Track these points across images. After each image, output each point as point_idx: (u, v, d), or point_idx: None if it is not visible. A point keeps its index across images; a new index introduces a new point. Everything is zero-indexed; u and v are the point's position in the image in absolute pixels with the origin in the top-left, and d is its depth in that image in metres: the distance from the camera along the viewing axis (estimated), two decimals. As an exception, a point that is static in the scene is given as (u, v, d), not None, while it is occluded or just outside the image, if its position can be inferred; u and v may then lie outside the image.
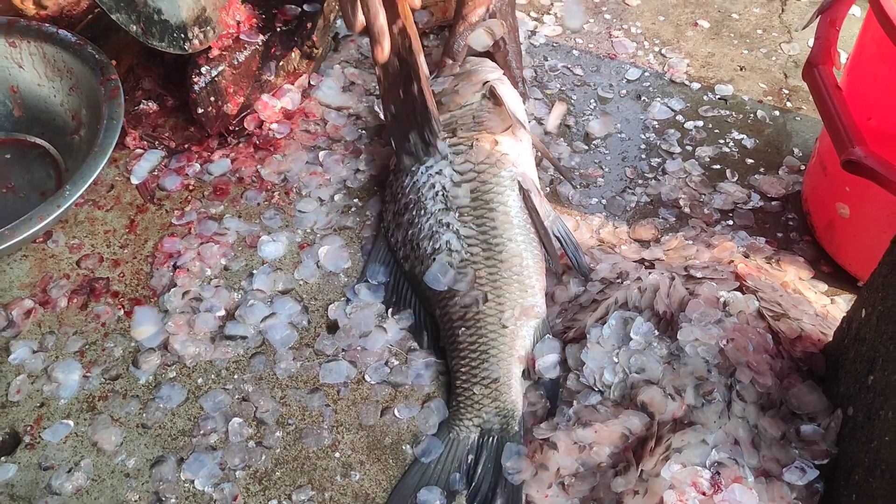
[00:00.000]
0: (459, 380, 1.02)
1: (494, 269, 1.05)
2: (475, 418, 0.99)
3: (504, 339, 1.02)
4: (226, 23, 1.22)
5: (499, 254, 1.06)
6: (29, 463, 0.97)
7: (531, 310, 1.04)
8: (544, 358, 1.02)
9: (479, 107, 1.16)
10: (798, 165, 1.26)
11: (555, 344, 1.02)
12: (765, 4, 1.54)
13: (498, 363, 1.01)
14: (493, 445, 0.97)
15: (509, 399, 1.00)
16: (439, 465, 0.96)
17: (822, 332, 1.00)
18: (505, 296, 1.04)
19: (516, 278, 1.05)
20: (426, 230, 1.10)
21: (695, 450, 0.88)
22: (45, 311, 1.10)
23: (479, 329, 1.03)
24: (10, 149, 1.27)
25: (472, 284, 1.05)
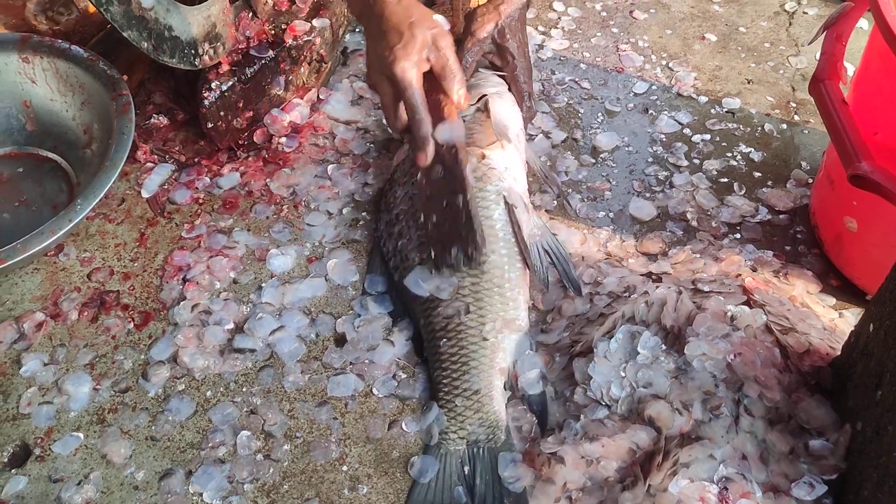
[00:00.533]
0: (441, 391, 1.02)
1: (477, 281, 1.05)
2: (460, 430, 0.99)
3: (485, 351, 1.02)
4: (235, 38, 1.23)
5: (481, 265, 1.06)
6: (39, 475, 0.98)
7: (513, 323, 1.04)
8: (526, 374, 1.02)
9: (472, 119, 1.16)
10: (806, 179, 1.26)
11: (535, 359, 1.03)
12: (772, 18, 1.54)
13: (479, 375, 1.01)
14: (485, 457, 0.97)
15: (491, 410, 1.00)
16: (439, 482, 0.96)
17: (830, 346, 1.00)
18: (487, 308, 1.04)
19: (498, 291, 1.05)
20: (415, 241, 1.10)
21: (702, 465, 0.88)
22: (56, 324, 1.11)
23: (460, 340, 1.03)
24: (22, 162, 1.29)
25: (455, 294, 1.05)
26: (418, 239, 1.10)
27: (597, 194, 1.25)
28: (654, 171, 1.28)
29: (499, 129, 1.15)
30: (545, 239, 1.10)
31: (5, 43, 1.26)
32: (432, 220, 1.07)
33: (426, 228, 1.08)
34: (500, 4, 1.19)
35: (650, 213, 1.22)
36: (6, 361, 1.07)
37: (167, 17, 1.10)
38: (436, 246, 1.06)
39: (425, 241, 1.08)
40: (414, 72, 0.99)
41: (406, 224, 1.12)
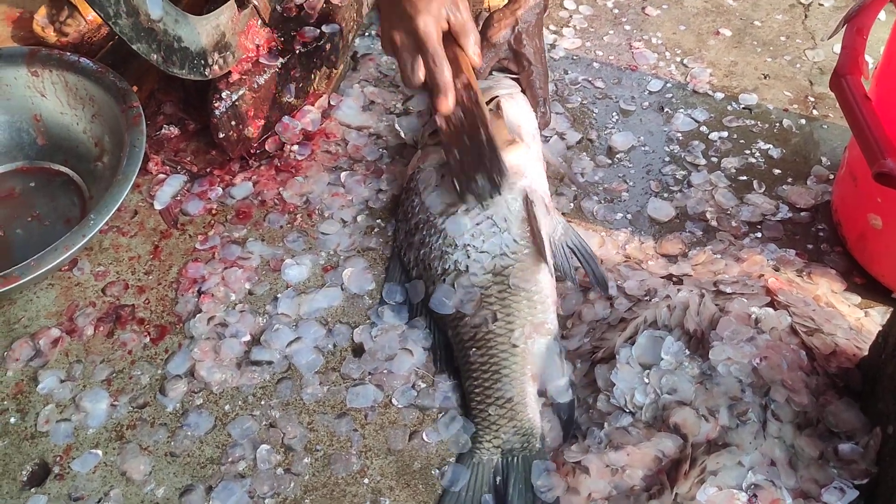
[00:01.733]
0: (474, 401, 1.01)
1: (503, 287, 1.04)
2: (494, 439, 0.98)
3: (515, 358, 1.01)
4: (245, 47, 1.22)
5: (505, 269, 1.05)
6: (59, 494, 0.97)
7: (542, 326, 1.03)
8: (555, 382, 1.01)
9: None
10: (827, 175, 1.24)
11: (564, 366, 1.02)
12: (787, 11, 1.52)
13: (511, 382, 1.00)
14: (520, 465, 0.96)
15: (526, 417, 0.98)
16: (469, 492, 0.95)
17: (856, 346, 0.98)
18: (514, 314, 1.03)
19: (525, 295, 1.04)
20: (436, 250, 1.09)
21: (730, 472, 0.87)
22: (71, 340, 1.10)
23: (489, 349, 1.02)
24: (34, 177, 1.28)
25: (479, 305, 1.04)
26: (438, 248, 1.09)
27: (614, 196, 1.24)
28: (671, 170, 1.26)
29: (512, 127, 1.14)
30: (569, 237, 1.08)
31: (14, 57, 1.25)
32: (455, 156, 1.09)
33: (449, 165, 1.10)
34: (516, 9, 1.17)
35: (668, 213, 1.21)
36: (23, 379, 1.07)
37: (176, 28, 1.09)
38: (460, 178, 1.08)
39: (450, 177, 1.10)
40: (435, 26, 1.04)
41: (427, 233, 1.11)
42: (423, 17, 1.03)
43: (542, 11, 1.22)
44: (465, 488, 0.95)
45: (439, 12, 1.04)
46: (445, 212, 1.11)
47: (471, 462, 0.97)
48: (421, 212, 1.13)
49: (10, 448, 1.01)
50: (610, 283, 1.09)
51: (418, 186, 1.16)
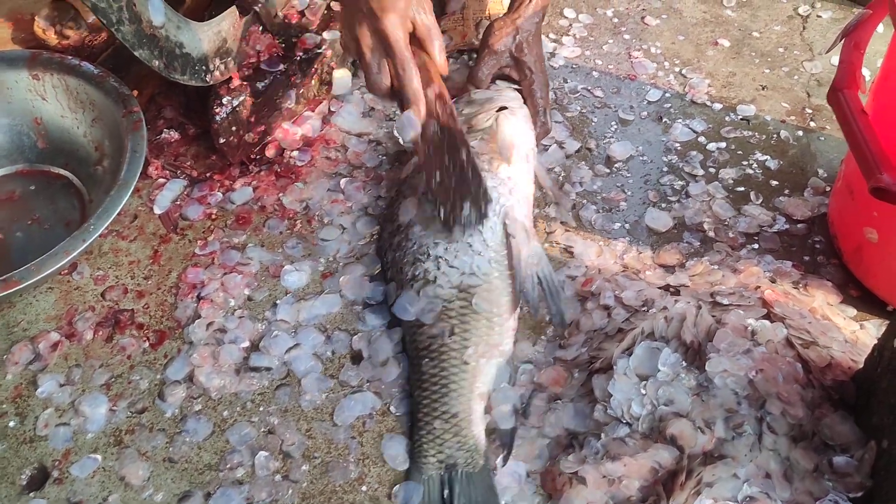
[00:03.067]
0: (421, 412, 1.00)
1: (465, 304, 1.04)
2: (438, 454, 0.98)
3: (465, 374, 1.01)
4: (246, 53, 1.23)
5: (471, 287, 1.05)
6: (58, 498, 0.97)
7: (496, 348, 1.03)
8: (499, 407, 1.00)
9: (485, 133, 1.16)
10: (823, 187, 1.25)
11: (511, 393, 1.01)
12: (786, 22, 1.53)
13: (458, 398, 1.00)
14: (463, 480, 0.96)
15: (470, 434, 0.98)
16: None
17: (852, 359, 0.99)
18: (471, 332, 1.03)
19: (485, 315, 1.04)
20: (409, 255, 1.10)
21: (726, 484, 0.87)
22: (71, 344, 1.10)
23: (441, 362, 1.02)
24: (34, 180, 1.28)
25: (439, 317, 1.04)
26: (412, 254, 1.09)
27: (612, 205, 1.24)
28: (669, 180, 1.27)
29: (503, 147, 1.13)
30: (541, 267, 1.08)
31: (15, 60, 1.26)
32: (436, 178, 1.04)
33: (429, 190, 1.06)
34: (516, 18, 1.18)
35: (666, 223, 1.21)
36: (22, 382, 1.07)
37: (178, 34, 1.09)
38: (445, 205, 1.04)
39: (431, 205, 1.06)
40: (401, 27, 0.97)
41: (405, 235, 1.12)
42: (390, 16, 0.95)
43: (540, 20, 1.23)
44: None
45: (406, 11, 0.97)
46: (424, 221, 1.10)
47: (420, 478, 0.97)
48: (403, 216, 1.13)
49: (8, 452, 1.01)
50: (607, 294, 1.10)
51: (407, 191, 1.16)
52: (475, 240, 1.07)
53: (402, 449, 1.00)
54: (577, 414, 0.99)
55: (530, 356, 1.07)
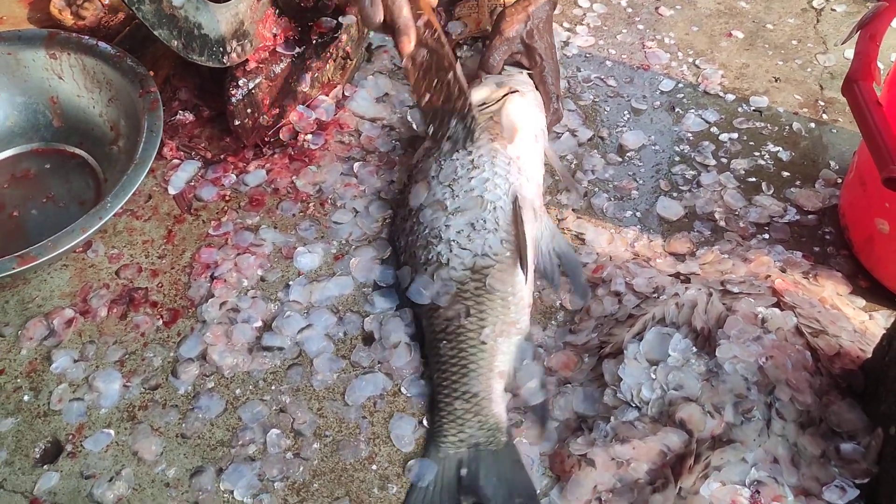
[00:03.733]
0: (441, 394, 1.01)
1: (479, 285, 1.05)
2: (459, 433, 0.99)
3: (484, 354, 1.02)
4: (263, 36, 1.23)
5: (485, 268, 1.06)
6: (71, 471, 0.99)
7: (512, 326, 1.04)
8: (527, 385, 1.01)
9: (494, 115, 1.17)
10: (835, 178, 1.25)
11: (534, 368, 1.02)
12: (799, 15, 1.53)
13: (478, 378, 1.00)
14: (489, 458, 0.97)
15: (491, 413, 0.99)
16: (436, 486, 0.96)
17: (860, 348, 1.00)
18: (487, 311, 1.04)
19: (500, 295, 1.05)
20: (422, 239, 1.11)
21: (734, 468, 0.88)
22: (85, 321, 1.11)
23: (459, 343, 1.03)
24: (49, 158, 1.29)
25: (454, 300, 1.05)
26: (424, 238, 1.10)
27: (623, 193, 1.25)
28: (680, 170, 1.28)
29: (506, 127, 1.14)
30: (557, 243, 1.09)
31: (33, 39, 1.26)
32: (425, 98, 1.09)
33: (419, 106, 1.11)
34: (528, 5, 1.18)
35: (677, 212, 1.22)
36: (37, 358, 1.08)
37: (197, 15, 1.10)
38: (434, 121, 1.10)
39: (424, 117, 1.11)
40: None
41: (417, 220, 1.13)
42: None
43: (552, 8, 1.24)
44: (433, 482, 0.96)
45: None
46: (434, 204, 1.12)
47: (437, 456, 0.98)
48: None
49: (23, 425, 1.02)
50: (618, 280, 1.10)
51: (418, 175, 1.17)
52: (487, 219, 1.08)
53: (409, 430, 1.01)
54: (587, 398, 1.00)
55: (541, 341, 1.08)
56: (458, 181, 1.12)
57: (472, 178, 1.11)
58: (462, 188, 1.11)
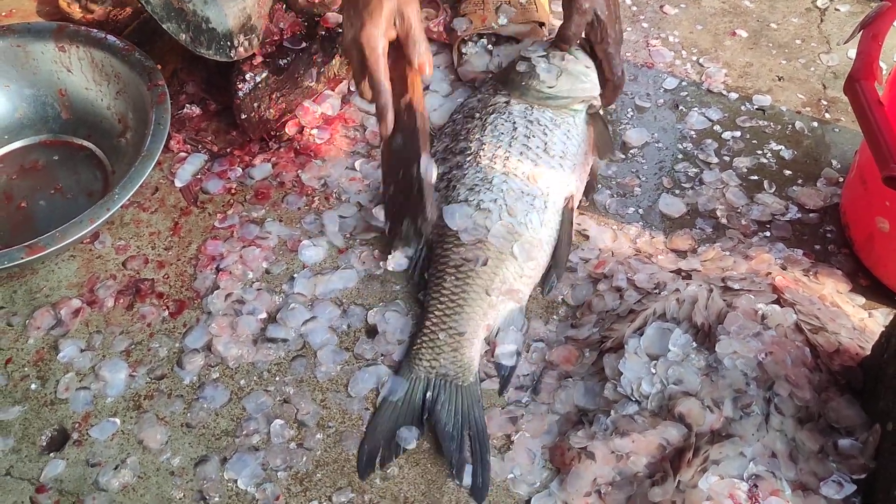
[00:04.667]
0: (430, 321, 1.07)
1: (506, 245, 1.10)
2: (433, 361, 1.04)
3: (482, 303, 1.07)
4: (270, 30, 1.25)
5: (519, 235, 1.11)
6: (77, 459, 1.00)
7: (516, 293, 1.10)
8: (504, 346, 1.07)
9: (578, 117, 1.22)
10: (836, 177, 1.26)
11: (518, 337, 1.08)
12: (803, 14, 1.53)
13: (469, 321, 1.06)
14: (451, 390, 1.03)
15: (468, 354, 1.05)
16: (403, 403, 1.02)
17: (860, 345, 1.01)
18: (502, 269, 1.09)
19: (520, 262, 1.10)
20: (470, 179, 1.15)
21: (732, 462, 0.89)
22: (92, 311, 1.13)
23: (466, 284, 1.08)
24: (57, 150, 1.30)
25: (477, 245, 1.10)
26: (471, 179, 1.15)
27: (626, 190, 1.26)
28: (683, 167, 1.28)
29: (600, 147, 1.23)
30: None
31: (42, 32, 1.28)
32: (389, 191, 1.12)
33: (384, 199, 1.14)
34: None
35: (680, 209, 1.23)
36: (44, 347, 1.09)
37: (205, 9, 1.11)
38: (390, 217, 1.12)
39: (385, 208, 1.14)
40: (379, 39, 0.99)
41: (475, 160, 1.17)
42: (367, 30, 0.98)
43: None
44: (402, 399, 1.03)
45: (387, 23, 0.99)
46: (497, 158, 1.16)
47: (409, 376, 1.04)
48: (476, 133, 1.19)
49: (30, 413, 1.04)
50: (620, 276, 1.11)
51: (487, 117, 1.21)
52: (538, 197, 1.14)
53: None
54: (588, 392, 1.01)
55: (542, 335, 1.09)
56: (532, 142, 1.17)
57: (546, 152, 1.17)
58: (533, 151, 1.16)
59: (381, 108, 1.02)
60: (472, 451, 0.99)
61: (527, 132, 1.18)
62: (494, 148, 1.17)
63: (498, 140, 1.17)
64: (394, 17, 1.00)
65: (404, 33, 1.01)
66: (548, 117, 1.20)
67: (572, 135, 1.19)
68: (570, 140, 1.19)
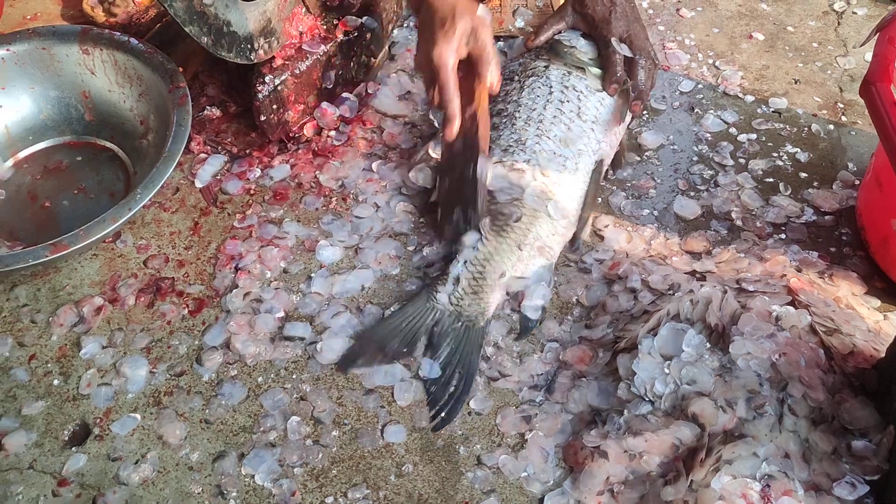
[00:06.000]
0: (457, 261, 1.12)
1: (540, 203, 1.14)
2: (452, 297, 1.10)
3: (513, 256, 1.12)
4: (289, 33, 1.26)
5: (553, 188, 1.15)
6: (98, 453, 1.02)
7: (548, 250, 1.14)
8: (532, 300, 1.11)
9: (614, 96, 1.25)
10: (852, 180, 1.26)
11: (546, 292, 1.12)
12: (820, 17, 1.53)
13: (495, 271, 1.11)
14: (460, 330, 1.08)
15: (486, 300, 1.10)
16: (409, 321, 1.09)
17: (874, 348, 1.01)
18: (535, 226, 1.13)
19: (552, 221, 1.14)
20: (503, 141, 1.19)
21: (745, 462, 0.90)
22: (114, 309, 1.15)
23: (500, 236, 1.13)
24: (81, 151, 1.33)
25: (513, 203, 1.14)
26: (507, 138, 1.20)
27: (641, 192, 1.26)
28: (698, 169, 1.29)
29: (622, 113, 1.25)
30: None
31: (66, 35, 1.30)
32: (445, 185, 1.18)
33: (437, 191, 1.19)
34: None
35: (695, 211, 1.23)
36: (66, 343, 1.11)
37: (226, 12, 1.13)
38: (443, 208, 1.17)
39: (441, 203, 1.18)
40: (450, 56, 1.07)
41: (510, 119, 1.21)
42: (440, 47, 1.07)
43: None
44: (410, 316, 1.09)
45: (458, 43, 1.08)
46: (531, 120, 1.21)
47: (424, 304, 1.10)
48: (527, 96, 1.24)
49: (52, 409, 1.06)
50: (634, 277, 1.12)
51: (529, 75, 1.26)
52: (569, 158, 1.18)
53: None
54: (601, 391, 1.02)
55: (557, 335, 1.10)
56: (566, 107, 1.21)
57: (578, 116, 1.21)
58: (566, 115, 1.21)
59: (450, 116, 1.10)
60: (455, 388, 1.04)
61: (562, 97, 1.22)
62: (529, 110, 1.21)
63: (533, 102, 1.22)
64: (467, 37, 1.08)
65: (477, 53, 1.10)
66: (584, 84, 1.24)
67: (605, 103, 1.23)
68: (603, 107, 1.23)
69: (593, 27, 1.25)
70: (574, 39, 1.28)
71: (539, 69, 1.26)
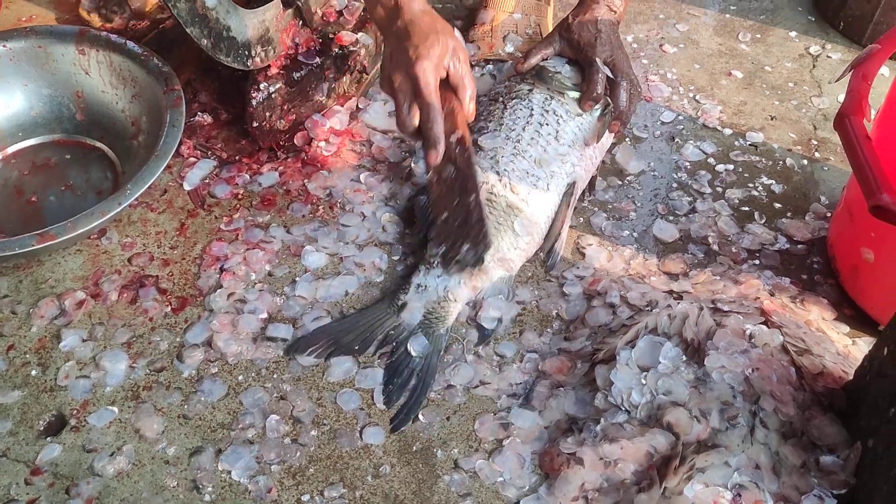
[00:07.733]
0: (423, 267, 1.15)
1: (506, 218, 1.17)
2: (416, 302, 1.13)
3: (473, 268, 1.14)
4: (286, 44, 1.29)
5: (519, 212, 1.17)
6: (73, 444, 1.01)
7: (508, 262, 1.17)
8: (488, 310, 1.14)
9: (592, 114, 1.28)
10: (824, 212, 1.30)
11: (502, 304, 1.15)
12: (797, 59, 1.60)
13: (455, 281, 1.14)
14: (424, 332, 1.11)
15: (447, 308, 1.13)
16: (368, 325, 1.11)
17: (843, 370, 1.04)
18: (498, 239, 1.15)
19: (514, 236, 1.17)
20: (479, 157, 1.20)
21: (717, 471, 0.92)
22: (95, 303, 1.15)
23: None
24: (70, 150, 1.34)
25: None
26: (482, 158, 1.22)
27: (622, 214, 1.30)
28: (677, 195, 1.33)
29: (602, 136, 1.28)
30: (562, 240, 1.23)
31: (64, 35, 1.32)
32: (442, 217, 1.13)
33: (435, 225, 1.14)
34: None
35: (673, 234, 1.27)
36: (46, 335, 1.11)
37: (227, 17, 1.15)
38: (446, 242, 1.13)
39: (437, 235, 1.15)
40: (433, 73, 1.04)
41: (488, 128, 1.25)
42: (423, 64, 1.02)
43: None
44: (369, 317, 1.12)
45: (440, 60, 1.04)
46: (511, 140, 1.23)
47: (387, 308, 1.13)
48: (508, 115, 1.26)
49: (29, 398, 1.05)
50: (613, 293, 1.15)
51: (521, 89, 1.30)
52: (541, 178, 1.21)
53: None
54: (579, 401, 1.04)
55: (536, 346, 1.12)
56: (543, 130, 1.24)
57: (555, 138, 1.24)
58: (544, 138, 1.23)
59: (435, 137, 1.05)
60: (413, 390, 1.06)
61: (542, 119, 1.24)
62: (509, 130, 1.23)
63: (514, 123, 1.24)
64: (448, 56, 1.05)
65: (458, 76, 1.07)
66: (564, 109, 1.27)
67: (584, 128, 1.26)
68: (581, 132, 1.25)
69: (579, 51, 1.29)
70: (559, 65, 1.32)
71: (522, 92, 1.29)
